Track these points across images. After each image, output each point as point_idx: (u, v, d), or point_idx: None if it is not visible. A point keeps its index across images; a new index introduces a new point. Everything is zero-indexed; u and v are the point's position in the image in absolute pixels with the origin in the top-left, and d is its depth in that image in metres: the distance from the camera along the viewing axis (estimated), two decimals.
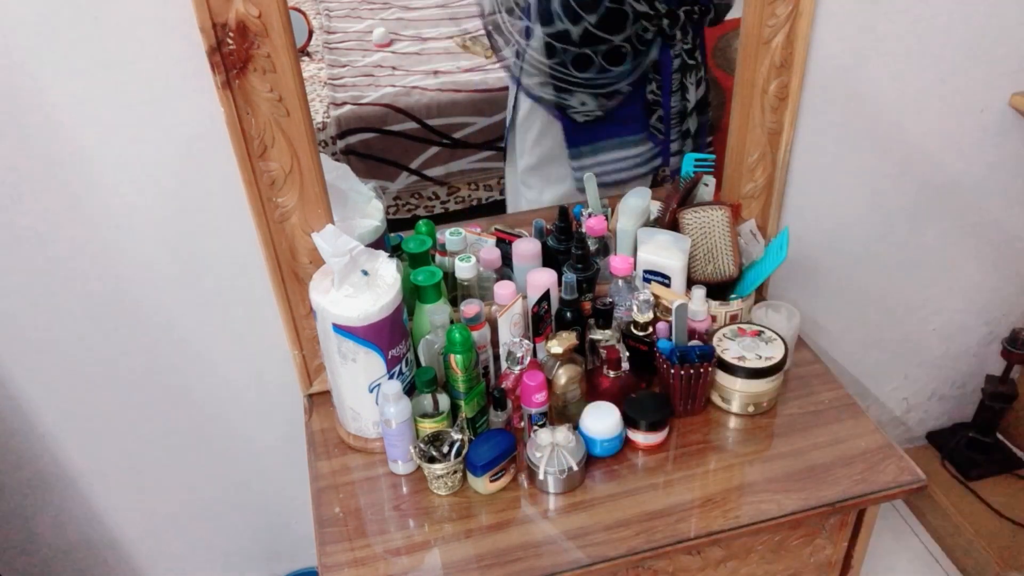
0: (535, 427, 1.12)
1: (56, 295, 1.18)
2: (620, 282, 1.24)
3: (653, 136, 1.38)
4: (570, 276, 1.18)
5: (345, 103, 1.35)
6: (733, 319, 1.27)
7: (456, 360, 1.10)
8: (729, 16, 1.28)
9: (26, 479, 1.36)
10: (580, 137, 1.38)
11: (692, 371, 1.15)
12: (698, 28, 1.31)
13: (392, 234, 1.28)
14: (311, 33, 1.41)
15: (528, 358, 1.16)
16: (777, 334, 1.22)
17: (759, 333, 1.23)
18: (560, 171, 1.42)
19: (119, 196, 1.11)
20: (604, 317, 1.20)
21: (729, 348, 1.20)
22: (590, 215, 1.32)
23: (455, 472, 1.10)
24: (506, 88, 1.40)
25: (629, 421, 1.15)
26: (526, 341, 1.16)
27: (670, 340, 1.21)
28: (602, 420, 1.13)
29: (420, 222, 1.26)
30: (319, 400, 1.28)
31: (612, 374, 1.18)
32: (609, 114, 1.37)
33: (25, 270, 1.15)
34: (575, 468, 1.08)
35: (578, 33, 1.27)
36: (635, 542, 1.04)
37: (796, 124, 1.29)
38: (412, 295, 1.16)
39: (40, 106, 1.02)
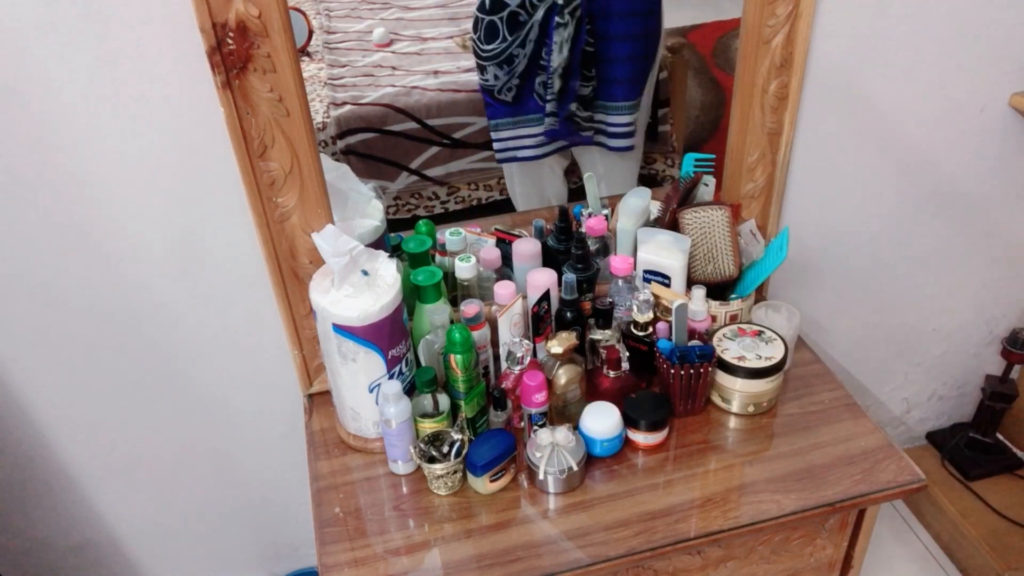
0: (535, 427, 1.12)
1: (55, 295, 1.18)
2: (620, 282, 1.24)
3: (535, 101, 1.37)
4: (570, 276, 1.18)
5: (345, 103, 1.35)
6: (733, 319, 1.27)
7: (456, 360, 1.10)
8: (729, 16, 1.28)
9: (26, 479, 1.36)
10: (497, 111, 1.40)
11: (692, 371, 1.15)
12: None
13: (392, 234, 1.28)
14: (311, 33, 1.41)
15: (528, 358, 1.16)
16: (777, 334, 1.22)
17: (759, 333, 1.23)
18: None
19: (119, 196, 1.11)
20: (604, 317, 1.20)
21: (729, 348, 1.20)
22: (590, 215, 1.32)
23: (455, 472, 1.10)
24: None
25: (629, 421, 1.15)
26: (526, 341, 1.16)
27: (670, 340, 1.21)
28: (602, 420, 1.13)
29: (420, 222, 1.26)
30: (319, 400, 1.28)
31: (612, 374, 1.18)
32: (519, 88, 1.37)
33: (24, 270, 1.15)
34: (575, 468, 1.08)
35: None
36: (635, 542, 1.04)
37: (796, 124, 1.29)
38: (412, 295, 1.16)
39: (40, 106, 1.02)
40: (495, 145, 1.42)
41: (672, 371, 1.16)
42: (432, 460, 1.10)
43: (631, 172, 1.51)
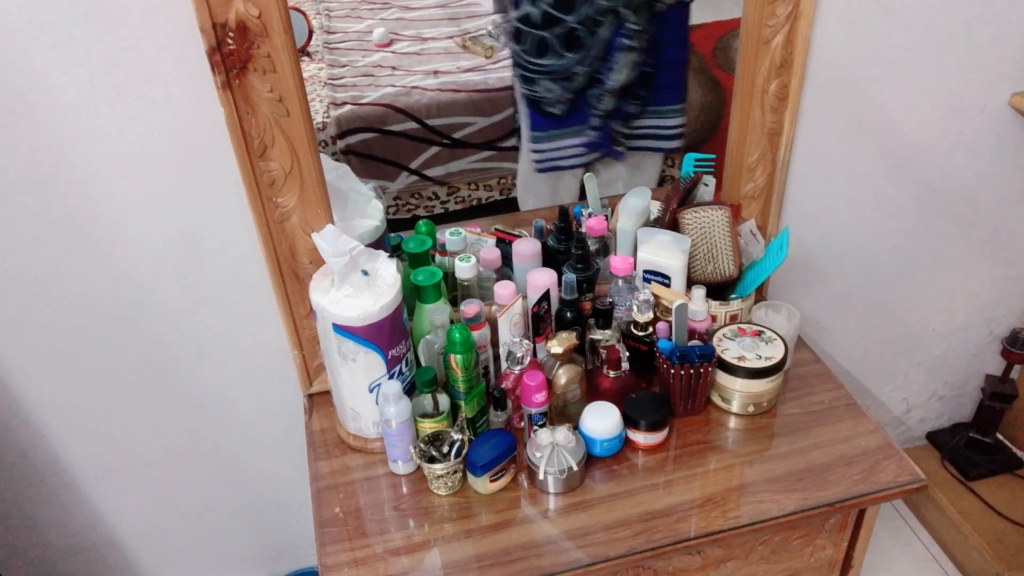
0: (535, 427, 1.12)
1: (56, 295, 1.18)
2: (620, 282, 1.24)
3: (582, 112, 1.38)
4: (570, 276, 1.18)
5: (345, 103, 1.35)
6: (733, 319, 1.27)
7: (456, 360, 1.10)
8: (729, 16, 1.28)
9: (26, 479, 1.36)
10: (543, 123, 1.39)
11: (692, 371, 1.15)
12: (653, 13, 1.31)
13: (392, 234, 1.28)
14: (311, 33, 1.41)
15: (528, 358, 1.16)
16: (777, 334, 1.22)
17: (759, 333, 1.23)
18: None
19: (119, 196, 1.12)
20: (604, 317, 1.20)
21: (729, 348, 1.20)
22: (590, 215, 1.32)
23: (455, 472, 1.10)
24: (506, 88, 1.40)
25: (629, 421, 1.15)
26: (526, 341, 1.16)
27: (670, 340, 1.21)
28: (602, 420, 1.13)
29: (420, 222, 1.26)
30: (319, 400, 1.28)
31: (612, 374, 1.18)
32: (571, 101, 1.37)
33: (24, 270, 1.15)
34: (575, 468, 1.08)
35: (538, 15, 1.28)
36: (635, 542, 1.04)
37: (796, 124, 1.29)
38: (412, 295, 1.16)
39: (40, 105, 1.02)
40: (535, 156, 1.42)
41: (672, 371, 1.16)
42: (432, 460, 1.10)
43: (653, 175, 1.51)
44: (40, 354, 1.23)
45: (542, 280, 1.19)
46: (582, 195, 1.44)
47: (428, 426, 1.12)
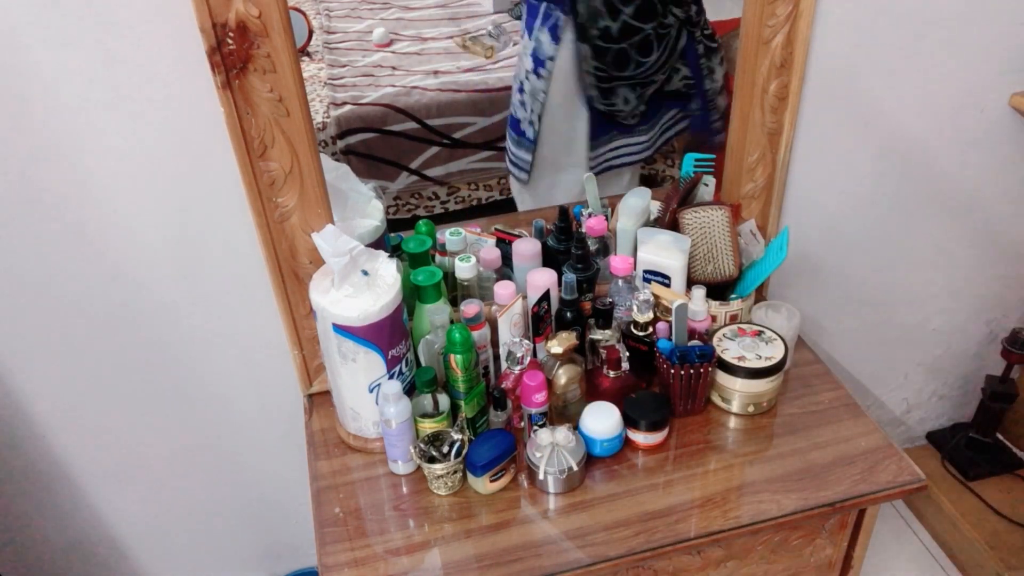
0: (535, 427, 1.12)
1: (56, 294, 1.18)
2: (620, 282, 1.24)
3: (646, 118, 1.40)
4: (570, 276, 1.18)
5: (345, 103, 1.36)
6: (733, 319, 1.27)
7: (456, 360, 1.10)
8: (729, 16, 1.28)
9: (26, 478, 1.36)
10: (604, 128, 1.40)
11: (692, 371, 1.15)
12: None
13: (392, 234, 1.28)
14: (311, 33, 1.41)
15: (528, 358, 1.15)
16: (777, 334, 1.22)
17: (759, 333, 1.23)
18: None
19: (119, 196, 1.11)
20: (604, 317, 1.20)
21: (729, 348, 1.20)
22: (590, 215, 1.32)
23: (455, 472, 1.10)
24: (506, 88, 1.40)
25: (629, 421, 1.15)
26: (526, 341, 1.16)
27: (670, 340, 1.21)
28: (602, 420, 1.13)
29: (420, 222, 1.26)
30: (319, 400, 1.28)
31: (612, 374, 1.18)
32: (643, 114, 1.39)
33: (25, 270, 1.15)
34: (575, 468, 1.08)
35: (617, 28, 1.29)
36: (635, 542, 1.04)
37: (796, 124, 1.29)
38: (412, 295, 1.16)
39: (39, 106, 1.02)
40: (592, 162, 1.43)
41: (672, 371, 1.16)
42: (432, 460, 1.10)
43: (638, 170, 1.52)
44: (40, 354, 1.23)
45: (542, 280, 1.19)
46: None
47: (428, 426, 1.12)
